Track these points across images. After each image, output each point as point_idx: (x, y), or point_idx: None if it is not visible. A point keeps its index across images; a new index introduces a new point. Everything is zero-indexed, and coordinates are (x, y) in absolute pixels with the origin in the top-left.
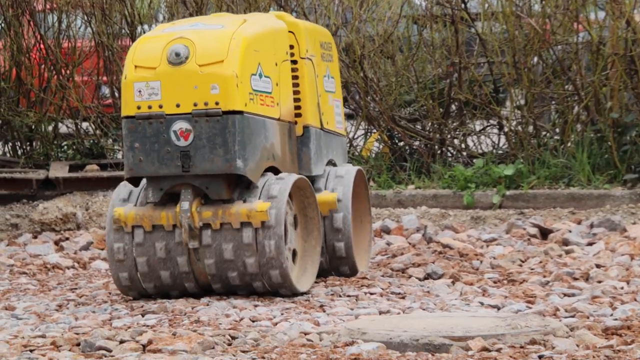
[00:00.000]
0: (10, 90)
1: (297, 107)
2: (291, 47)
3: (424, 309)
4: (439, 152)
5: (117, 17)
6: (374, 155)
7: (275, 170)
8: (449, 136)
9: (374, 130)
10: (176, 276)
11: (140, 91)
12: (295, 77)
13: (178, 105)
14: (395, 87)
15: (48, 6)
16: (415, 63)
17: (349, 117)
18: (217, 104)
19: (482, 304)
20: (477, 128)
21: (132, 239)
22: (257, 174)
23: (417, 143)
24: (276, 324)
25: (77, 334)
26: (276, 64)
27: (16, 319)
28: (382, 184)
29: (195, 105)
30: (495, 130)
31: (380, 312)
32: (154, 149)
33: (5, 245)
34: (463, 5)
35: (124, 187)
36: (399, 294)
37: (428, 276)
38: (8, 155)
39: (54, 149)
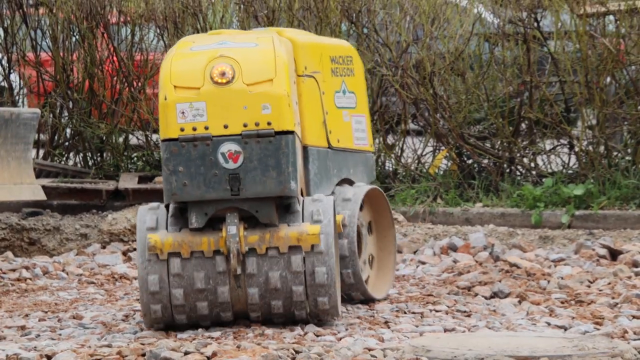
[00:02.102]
0: (83, 101)
1: None
2: None
3: (489, 328)
4: (507, 170)
5: (189, 30)
6: (442, 172)
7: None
8: (518, 155)
9: (443, 148)
10: (214, 304)
11: (183, 112)
12: None
13: (226, 127)
14: (465, 104)
15: (122, 19)
16: (486, 81)
17: (417, 133)
18: (269, 124)
19: (548, 324)
20: (547, 147)
21: (167, 268)
22: (300, 196)
23: (485, 161)
24: (340, 339)
25: (143, 344)
26: (294, 82)
27: (83, 328)
28: (450, 201)
29: (245, 126)
30: (566, 150)
31: (446, 330)
32: (199, 172)
33: (75, 255)
34: (536, 24)
35: (150, 213)
36: (465, 312)
37: (494, 295)
38: (79, 165)
39: (124, 160)
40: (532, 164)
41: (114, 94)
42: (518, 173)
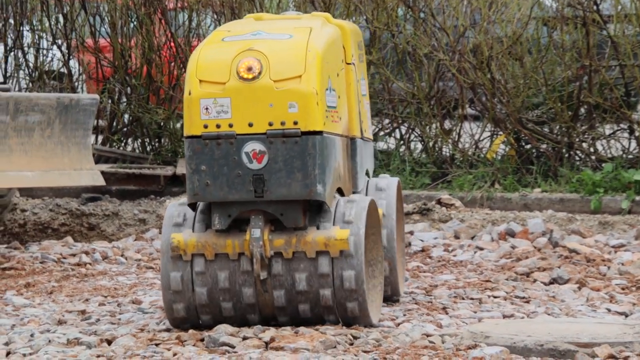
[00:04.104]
0: (141, 87)
1: None
2: None
3: (548, 314)
4: (566, 155)
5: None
6: (499, 157)
7: (339, 191)
8: (577, 140)
9: (500, 133)
10: (239, 308)
11: (207, 108)
12: None
13: (251, 125)
14: (523, 89)
15: (179, 5)
16: (544, 65)
17: (475, 118)
18: (295, 123)
19: (609, 310)
20: (607, 132)
21: (191, 268)
22: (332, 198)
23: (544, 146)
24: (398, 324)
25: (201, 329)
26: (337, 75)
27: (142, 312)
28: (508, 186)
29: (270, 124)
30: (626, 135)
31: (504, 316)
32: (222, 172)
33: (133, 240)
34: (595, 7)
35: (176, 210)
36: (524, 298)
37: (553, 281)
38: (137, 151)
39: (181, 146)
40: (592, 149)
41: (171, 80)
42: (577, 158)
